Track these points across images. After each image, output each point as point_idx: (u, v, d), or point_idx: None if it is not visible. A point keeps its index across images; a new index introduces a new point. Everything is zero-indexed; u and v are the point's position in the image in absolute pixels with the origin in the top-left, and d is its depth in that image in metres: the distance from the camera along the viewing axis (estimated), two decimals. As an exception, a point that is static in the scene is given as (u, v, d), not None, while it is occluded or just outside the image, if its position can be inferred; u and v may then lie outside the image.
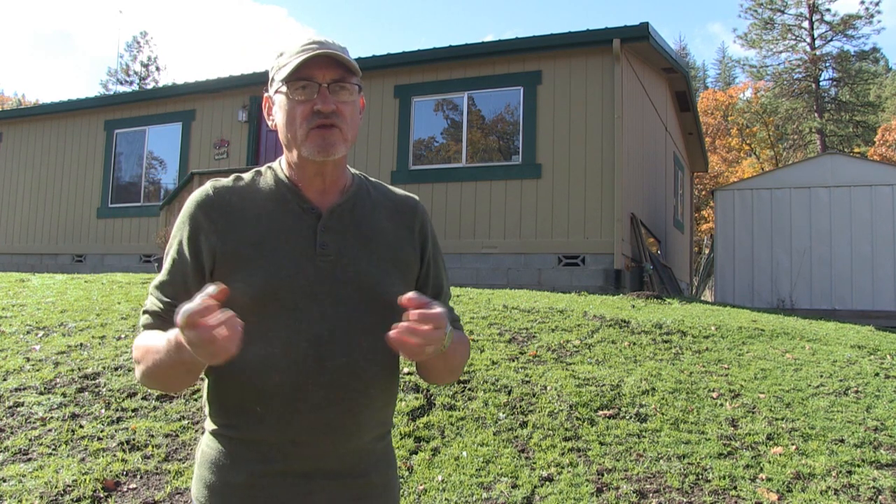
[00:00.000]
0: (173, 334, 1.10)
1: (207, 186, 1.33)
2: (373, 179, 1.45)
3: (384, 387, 1.32)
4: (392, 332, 1.09)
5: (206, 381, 1.32)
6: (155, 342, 1.19)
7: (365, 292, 1.29)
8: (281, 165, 1.36)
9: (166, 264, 1.31)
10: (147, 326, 1.28)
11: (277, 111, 1.31)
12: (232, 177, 1.36)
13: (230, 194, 1.32)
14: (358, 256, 1.31)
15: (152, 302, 1.30)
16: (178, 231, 1.30)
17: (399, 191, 1.46)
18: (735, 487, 3.36)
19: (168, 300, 1.27)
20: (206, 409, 1.33)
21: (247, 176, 1.36)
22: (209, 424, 1.32)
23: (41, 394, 4.10)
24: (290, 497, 1.25)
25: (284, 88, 1.28)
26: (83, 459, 3.41)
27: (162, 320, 1.26)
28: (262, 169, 1.38)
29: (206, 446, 1.31)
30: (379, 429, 1.34)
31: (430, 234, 1.44)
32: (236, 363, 1.14)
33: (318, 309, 1.25)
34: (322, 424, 1.25)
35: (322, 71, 1.27)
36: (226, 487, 1.26)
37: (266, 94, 1.36)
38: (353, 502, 1.30)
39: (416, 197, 1.48)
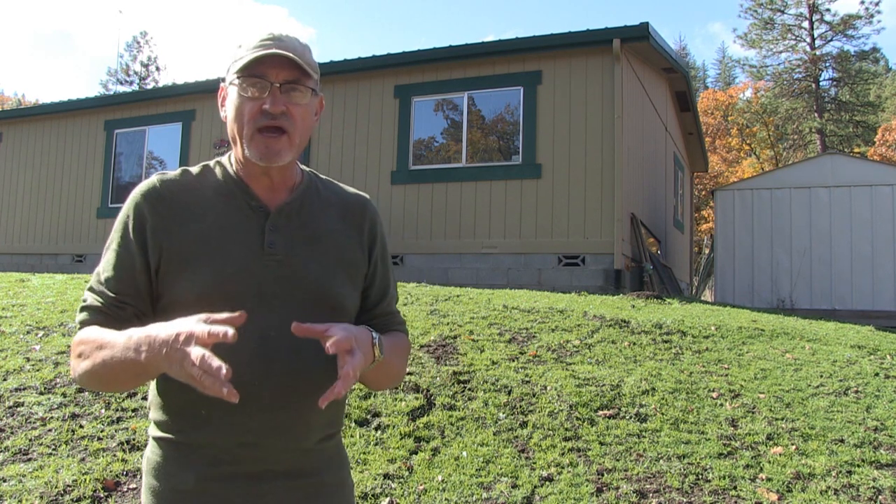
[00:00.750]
0: (136, 336, 1.06)
1: (154, 179, 1.27)
2: (323, 177, 1.42)
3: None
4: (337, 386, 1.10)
5: (153, 383, 1.27)
6: (106, 338, 1.12)
7: (312, 292, 1.26)
8: (230, 160, 1.33)
9: (109, 257, 1.24)
10: (86, 323, 1.20)
11: (229, 104, 1.27)
12: (179, 170, 1.31)
13: (177, 188, 1.27)
14: (306, 256, 1.28)
15: (93, 298, 1.22)
16: (122, 224, 1.25)
17: (350, 189, 1.43)
18: (735, 487, 3.36)
19: (113, 295, 1.20)
20: (151, 413, 1.29)
21: (194, 170, 1.32)
22: (153, 430, 1.27)
23: (41, 394, 4.10)
24: (241, 500, 1.22)
25: (237, 82, 1.24)
26: (83, 459, 3.40)
27: (105, 317, 1.19)
28: (211, 164, 1.34)
29: (151, 453, 1.26)
30: (328, 429, 1.32)
31: (380, 235, 1.41)
32: None
33: (266, 308, 1.22)
34: (270, 426, 1.22)
35: (276, 70, 1.22)
36: (174, 494, 1.22)
37: (222, 84, 1.30)
38: (307, 502, 1.27)
39: (367, 195, 1.45)
